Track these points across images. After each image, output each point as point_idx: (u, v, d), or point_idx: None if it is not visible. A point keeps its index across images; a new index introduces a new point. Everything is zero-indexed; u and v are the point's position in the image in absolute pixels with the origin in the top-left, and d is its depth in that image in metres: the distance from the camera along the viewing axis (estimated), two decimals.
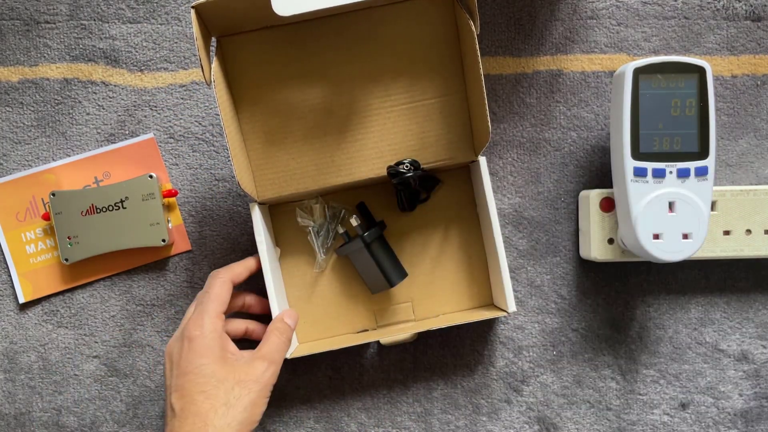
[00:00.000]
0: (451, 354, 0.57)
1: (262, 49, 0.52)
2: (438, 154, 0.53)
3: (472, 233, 0.56)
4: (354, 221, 0.53)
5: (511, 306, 0.50)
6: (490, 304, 0.56)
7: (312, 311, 0.56)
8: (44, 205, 0.57)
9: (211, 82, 0.46)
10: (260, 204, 0.52)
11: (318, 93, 0.52)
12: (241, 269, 0.51)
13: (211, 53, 0.48)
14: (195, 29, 0.44)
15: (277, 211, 0.56)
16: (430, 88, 0.53)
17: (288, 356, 0.50)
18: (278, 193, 0.53)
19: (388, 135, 0.53)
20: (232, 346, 0.49)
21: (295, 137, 0.53)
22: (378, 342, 0.56)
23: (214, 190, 0.57)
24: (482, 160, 0.51)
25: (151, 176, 0.55)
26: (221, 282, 0.49)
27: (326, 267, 0.56)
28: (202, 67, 0.44)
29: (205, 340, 0.46)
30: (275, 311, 0.51)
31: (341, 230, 0.54)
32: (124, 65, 0.57)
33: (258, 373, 0.46)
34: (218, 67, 0.48)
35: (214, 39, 0.50)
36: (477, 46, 0.45)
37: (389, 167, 0.51)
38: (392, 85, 0.53)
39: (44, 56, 0.57)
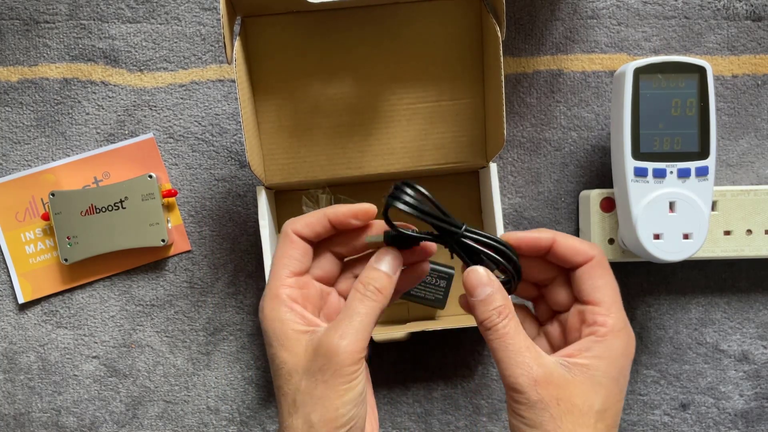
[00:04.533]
0: (451, 354, 0.57)
1: (285, 34, 0.52)
2: (449, 156, 0.53)
3: None
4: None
5: None
6: None
7: None
8: (44, 205, 0.57)
9: (232, 60, 0.46)
10: (267, 189, 0.52)
11: (336, 84, 0.52)
12: (317, 214, 0.37)
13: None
14: (222, 5, 0.44)
15: (282, 198, 0.56)
16: (448, 90, 0.53)
17: None
18: (286, 179, 0.53)
19: (401, 133, 0.53)
20: (307, 317, 0.36)
21: (308, 125, 0.53)
22: (371, 339, 0.56)
23: (214, 190, 0.57)
24: (493, 167, 0.51)
25: (150, 176, 0.55)
26: (283, 239, 0.37)
27: None
28: (224, 45, 0.44)
29: (266, 322, 0.35)
30: None
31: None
32: (123, 65, 0.57)
33: (330, 353, 0.33)
34: (240, 47, 0.48)
35: (238, 19, 0.51)
36: (501, 52, 0.45)
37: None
38: (411, 83, 0.53)
39: (44, 56, 0.57)
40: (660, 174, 0.49)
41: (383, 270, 0.36)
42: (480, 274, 0.36)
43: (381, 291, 0.35)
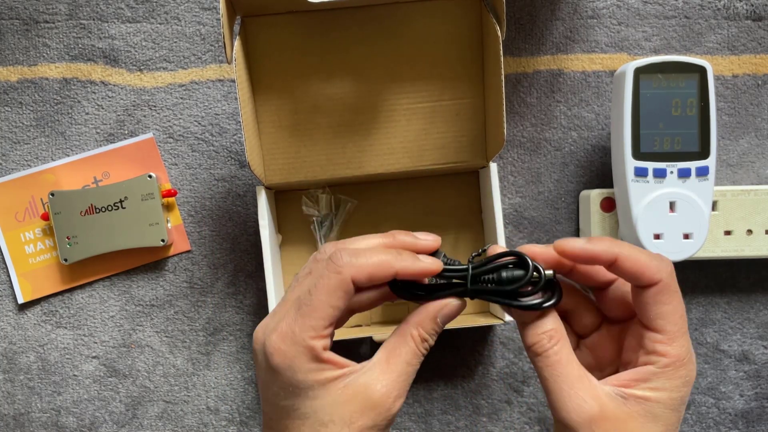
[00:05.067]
0: (451, 354, 0.57)
1: (285, 34, 0.52)
2: (449, 156, 0.53)
3: (474, 238, 0.56)
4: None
5: (508, 315, 0.50)
6: (487, 311, 0.56)
7: None
8: (43, 205, 0.57)
9: (232, 60, 0.46)
10: (267, 188, 0.52)
11: (336, 84, 0.52)
12: (379, 261, 0.32)
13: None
14: (221, 5, 0.44)
15: (282, 198, 0.56)
16: (448, 89, 0.53)
17: None
18: (286, 179, 0.53)
19: (401, 133, 0.53)
20: (338, 361, 0.32)
21: (308, 125, 0.53)
22: (371, 339, 0.56)
23: (214, 190, 0.57)
24: (493, 167, 0.51)
25: (150, 176, 0.55)
26: (336, 283, 0.31)
27: None
28: (224, 45, 0.44)
29: (288, 370, 0.31)
30: (272, 300, 0.50)
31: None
32: (123, 65, 0.57)
33: (389, 413, 0.32)
34: (240, 46, 0.48)
35: (238, 18, 0.51)
36: (501, 51, 0.45)
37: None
38: (411, 83, 0.53)
39: (43, 56, 0.57)
40: (660, 174, 0.49)
41: (442, 326, 0.34)
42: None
43: (432, 346, 0.33)
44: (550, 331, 0.32)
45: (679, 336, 0.31)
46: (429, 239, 0.35)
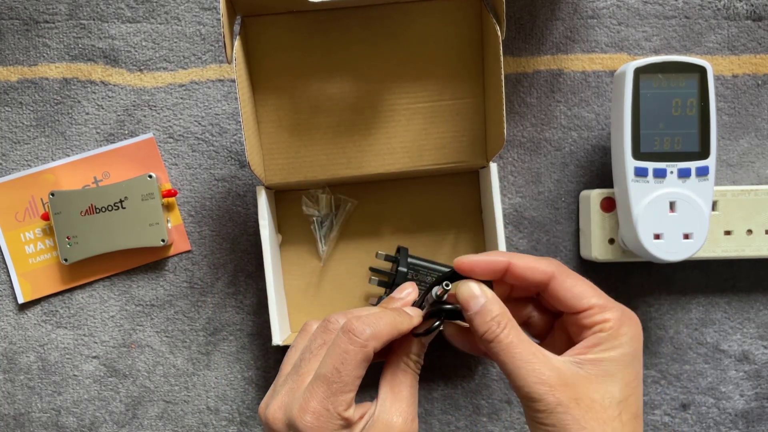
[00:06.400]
0: (452, 354, 0.57)
1: (285, 34, 0.52)
2: (449, 156, 0.53)
3: (474, 238, 0.56)
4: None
5: None
6: None
7: (309, 302, 0.56)
8: (43, 205, 0.57)
9: (232, 60, 0.46)
10: (267, 188, 0.52)
11: (337, 84, 0.52)
12: (390, 327, 0.36)
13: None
14: (221, 5, 0.44)
15: (282, 198, 0.56)
16: (448, 89, 0.53)
17: (281, 345, 0.49)
18: (286, 179, 0.53)
19: (401, 132, 0.53)
20: (358, 413, 0.35)
21: (308, 125, 0.53)
22: None
23: (214, 190, 0.57)
24: (493, 167, 0.51)
25: (150, 176, 0.55)
26: (363, 357, 0.34)
27: (326, 258, 0.56)
28: (224, 45, 0.44)
29: None
30: (272, 300, 0.50)
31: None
32: (123, 65, 0.57)
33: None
34: (240, 46, 0.48)
35: (238, 18, 0.51)
36: (501, 51, 0.45)
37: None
38: (411, 83, 0.53)
39: (43, 56, 0.57)
40: (660, 174, 0.49)
41: (425, 344, 0.38)
42: (470, 286, 0.36)
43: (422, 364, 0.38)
44: (497, 316, 0.35)
45: (607, 304, 0.35)
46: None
